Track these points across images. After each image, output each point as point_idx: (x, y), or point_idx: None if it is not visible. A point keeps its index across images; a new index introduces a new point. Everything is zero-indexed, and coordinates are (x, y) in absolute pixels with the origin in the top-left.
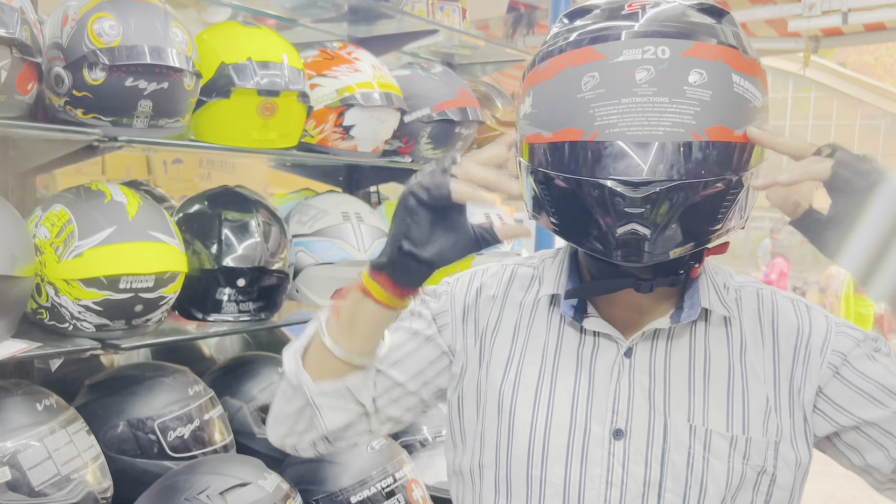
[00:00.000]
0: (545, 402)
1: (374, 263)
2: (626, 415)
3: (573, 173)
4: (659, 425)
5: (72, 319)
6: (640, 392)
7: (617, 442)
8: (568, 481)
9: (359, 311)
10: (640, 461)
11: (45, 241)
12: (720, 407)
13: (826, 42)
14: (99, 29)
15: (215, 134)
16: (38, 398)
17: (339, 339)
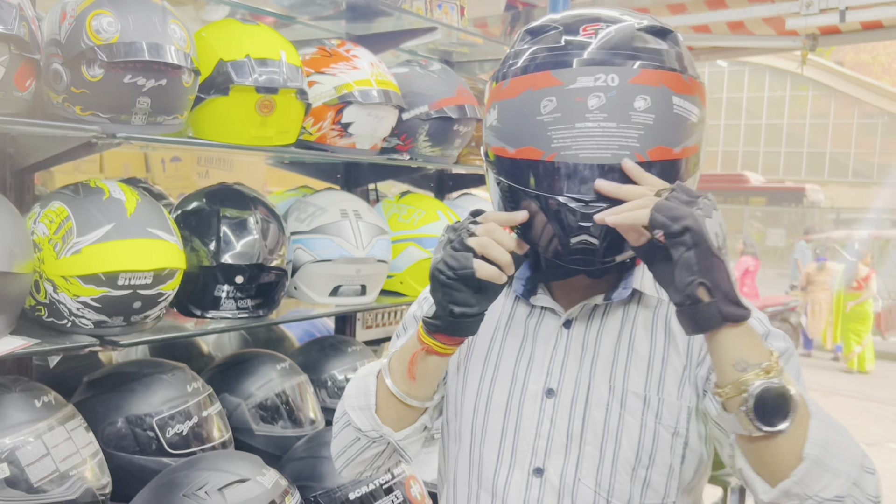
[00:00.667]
0: (493, 363)
1: (431, 326)
2: (559, 377)
3: (533, 188)
4: (584, 386)
5: (70, 316)
6: (573, 358)
7: (548, 399)
8: (504, 431)
9: (426, 365)
10: (566, 416)
11: (43, 238)
12: (640, 372)
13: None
14: (97, 25)
15: (214, 131)
16: (36, 395)
17: (413, 393)
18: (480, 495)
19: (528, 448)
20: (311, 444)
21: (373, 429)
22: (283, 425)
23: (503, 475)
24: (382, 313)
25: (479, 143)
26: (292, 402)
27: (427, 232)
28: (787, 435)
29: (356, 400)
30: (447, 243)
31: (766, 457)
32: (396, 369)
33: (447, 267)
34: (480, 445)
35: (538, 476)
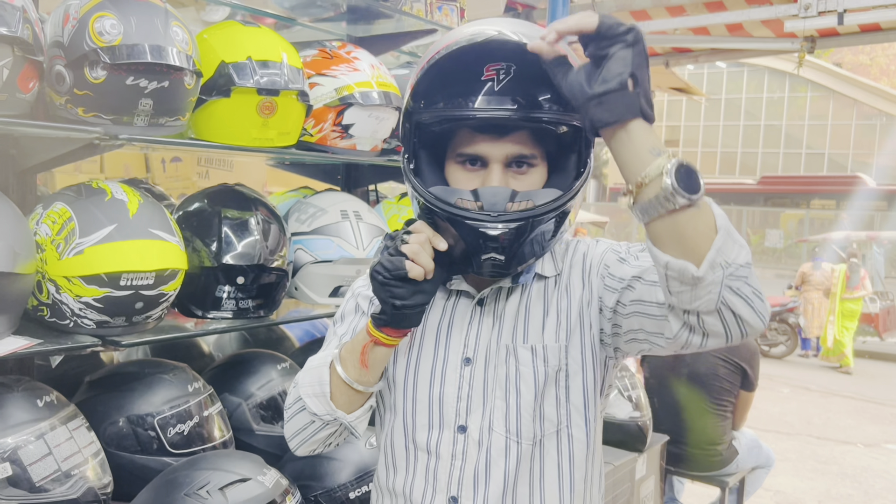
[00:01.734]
0: (417, 340)
1: (377, 320)
2: (474, 347)
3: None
4: (493, 352)
5: (72, 316)
6: (485, 330)
7: (466, 367)
8: (431, 398)
9: (374, 355)
10: (480, 379)
11: (46, 239)
12: (531, 331)
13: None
14: (100, 28)
15: (215, 132)
16: (38, 394)
17: (363, 380)
18: (418, 455)
19: (452, 410)
20: None
21: (328, 413)
22: (283, 425)
23: (434, 436)
24: None
25: None
26: None
27: None
28: (700, 209)
29: (311, 388)
30: (384, 249)
31: (689, 233)
32: (348, 359)
33: (384, 269)
34: (413, 413)
35: (462, 433)
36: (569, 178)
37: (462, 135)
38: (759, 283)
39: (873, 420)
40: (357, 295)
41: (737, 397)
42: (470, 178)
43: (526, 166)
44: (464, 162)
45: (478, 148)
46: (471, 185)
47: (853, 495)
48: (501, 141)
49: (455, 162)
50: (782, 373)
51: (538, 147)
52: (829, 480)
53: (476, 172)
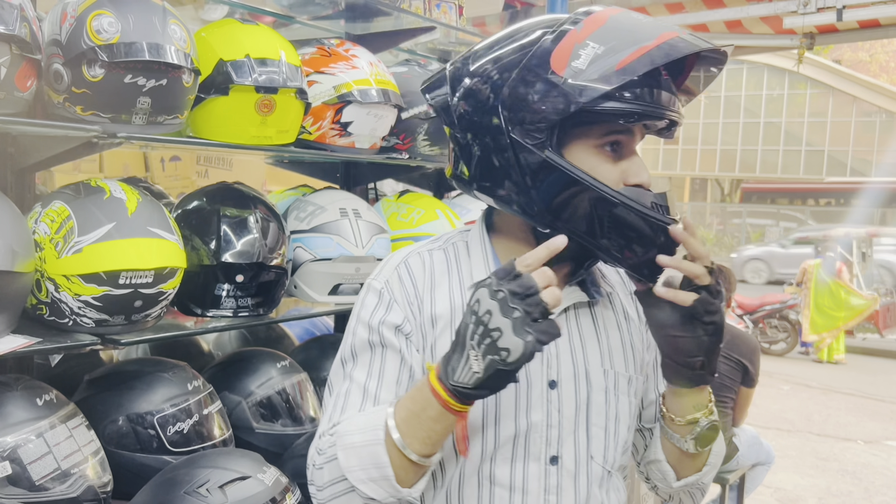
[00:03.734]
0: None
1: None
2: (556, 368)
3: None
4: (581, 374)
5: (71, 315)
6: (564, 350)
7: (552, 391)
8: (517, 427)
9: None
10: (571, 404)
11: (44, 237)
12: (619, 354)
13: (821, 39)
14: (98, 26)
15: (213, 131)
16: (38, 393)
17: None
18: (495, 492)
19: (542, 439)
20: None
21: (391, 495)
22: (283, 423)
23: (519, 470)
24: None
25: None
26: (292, 400)
27: (426, 231)
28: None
29: (364, 473)
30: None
31: (685, 461)
32: (413, 437)
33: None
34: (494, 445)
35: (554, 464)
36: None
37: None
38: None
39: (873, 417)
40: (373, 326)
41: (737, 394)
42: (612, 165)
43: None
44: (603, 146)
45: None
46: (613, 173)
47: (853, 492)
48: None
49: (594, 147)
50: (782, 370)
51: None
52: (830, 477)
53: (615, 157)
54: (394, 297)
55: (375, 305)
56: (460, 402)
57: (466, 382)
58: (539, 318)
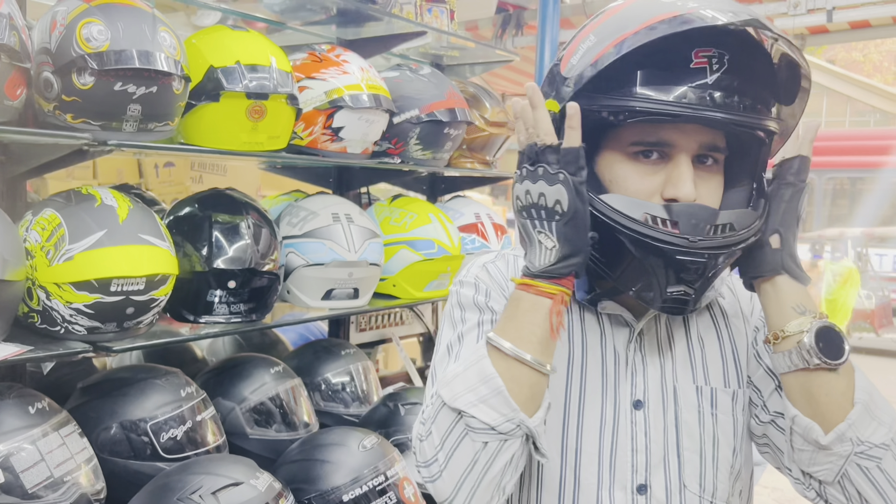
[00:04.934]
0: (577, 378)
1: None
2: (643, 387)
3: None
4: (670, 391)
5: (63, 322)
6: (651, 365)
7: (637, 412)
8: (601, 451)
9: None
10: (659, 427)
11: (35, 245)
12: (717, 367)
13: (812, 40)
14: (87, 34)
15: (205, 137)
16: (30, 401)
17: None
18: None
19: (628, 465)
20: (304, 447)
21: (508, 418)
22: (277, 429)
23: (605, 498)
24: (375, 316)
25: (470, 145)
26: (286, 406)
27: (419, 235)
28: (840, 377)
29: (474, 394)
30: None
31: (821, 397)
32: (522, 339)
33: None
34: (575, 467)
35: (642, 493)
36: (742, 188)
37: (638, 123)
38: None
39: None
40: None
41: None
42: (646, 176)
43: (712, 162)
44: (637, 154)
45: (665, 134)
46: (646, 184)
47: None
48: (696, 127)
49: (625, 154)
50: None
51: (724, 138)
52: None
53: (653, 167)
54: (489, 286)
55: (474, 293)
56: (552, 282)
57: (551, 261)
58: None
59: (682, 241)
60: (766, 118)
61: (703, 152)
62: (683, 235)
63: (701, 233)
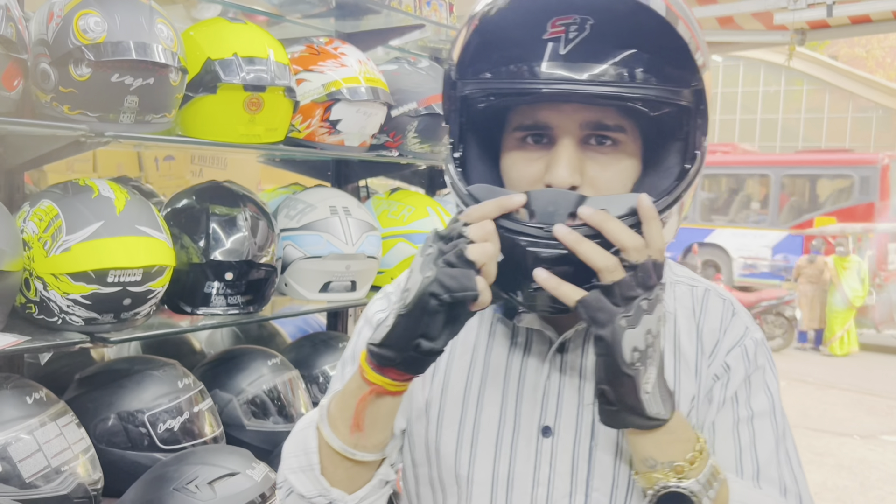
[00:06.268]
0: (474, 398)
1: (383, 359)
2: (556, 412)
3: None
4: (587, 422)
5: (60, 313)
6: (569, 389)
7: (545, 439)
8: (495, 481)
9: (377, 409)
10: (568, 460)
11: (33, 236)
12: None
13: (812, 35)
14: (84, 25)
15: (202, 129)
16: (28, 391)
17: (364, 444)
18: None
19: (527, 498)
20: None
21: (320, 494)
22: (274, 420)
23: None
24: None
25: None
26: (283, 398)
27: (417, 228)
28: None
29: (296, 460)
30: (438, 256)
31: None
32: (339, 419)
33: (444, 289)
34: (468, 498)
35: None
36: (669, 175)
37: (522, 106)
38: None
39: (870, 412)
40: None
41: None
42: (530, 163)
43: (610, 143)
44: (524, 138)
45: (541, 116)
46: (530, 171)
47: (849, 486)
48: (575, 106)
49: (513, 140)
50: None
51: (627, 118)
52: (826, 472)
53: (540, 153)
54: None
55: (384, 308)
56: (377, 371)
57: (375, 339)
58: (454, 262)
59: (536, 230)
60: (642, 87)
61: (590, 132)
62: (538, 224)
63: (559, 220)
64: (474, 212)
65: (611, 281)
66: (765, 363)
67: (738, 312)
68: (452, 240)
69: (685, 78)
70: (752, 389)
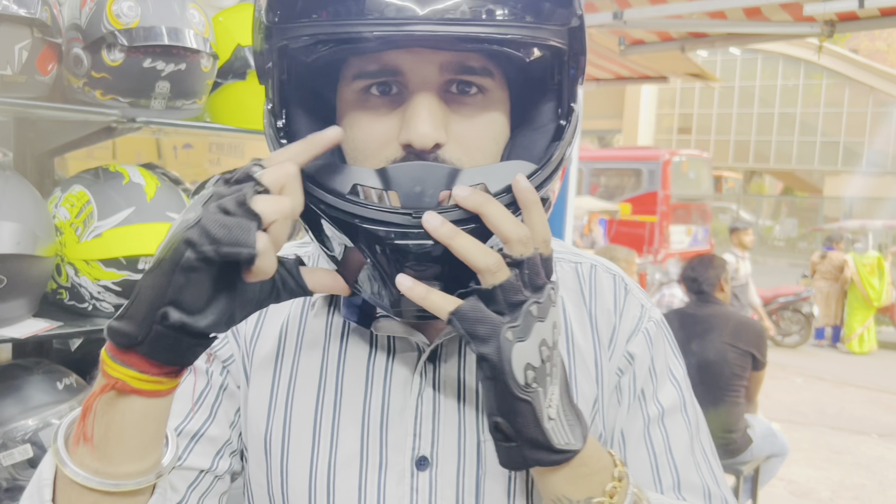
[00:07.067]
0: (327, 434)
1: (120, 338)
2: (432, 438)
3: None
4: (471, 448)
5: (91, 299)
6: (447, 407)
7: (421, 473)
8: None
9: (119, 415)
10: (451, 496)
11: (64, 222)
12: None
13: (841, 27)
14: (117, 10)
15: (231, 116)
16: (58, 377)
17: (104, 469)
18: None
19: None
20: None
21: None
22: None
23: None
24: None
25: None
26: None
27: None
28: None
29: (28, 499)
30: (211, 199)
31: None
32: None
33: (208, 238)
34: None
35: None
36: (543, 133)
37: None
38: None
39: (887, 410)
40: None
41: (748, 380)
42: (378, 120)
43: (475, 90)
44: (367, 89)
45: (389, 58)
46: (378, 130)
47: (867, 485)
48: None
49: (352, 94)
50: (796, 362)
51: (493, 60)
52: (843, 470)
53: (389, 107)
54: None
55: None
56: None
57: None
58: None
59: (401, 217)
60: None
61: (452, 77)
62: (403, 210)
63: (430, 203)
64: (278, 154)
65: (492, 284)
66: (667, 347)
67: (630, 289)
68: (237, 182)
69: (563, 15)
70: (658, 381)
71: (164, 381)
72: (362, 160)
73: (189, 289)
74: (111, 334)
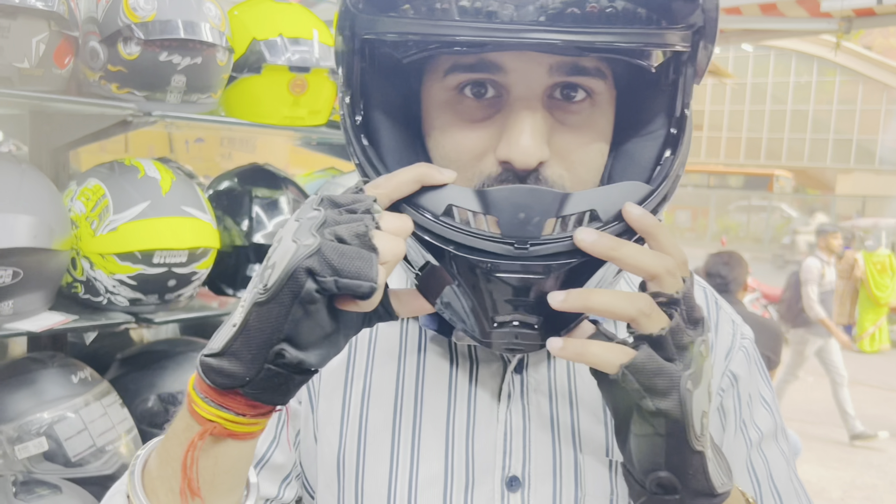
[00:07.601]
0: (407, 452)
1: (222, 378)
2: (523, 455)
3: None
4: (568, 467)
5: (106, 293)
6: (538, 421)
7: (512, 495)
8: None
9: (210, 462)
10: None
11: (80, 216)
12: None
13: (858, 23)
14: (134, 4)
15: (246, 110)
16: (73, 370)
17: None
18: None
19: None
20: None
21: None
22: None
23: None
24: None
25: None
26: None
27: None
28: None
29: None
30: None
31: None
32: (160, 479)
33: (329, 268)
34: None
35: None
36: (652, 142)
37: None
38: None
39: None
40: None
41: None
42: (472, 126)
43: (582, 94)
44: (460, 88)
45: (492, 55)
46: (474, 140)
47: (878, 485)
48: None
49: (442, 91)
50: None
51: (607, 62)
52: (855, 470)
53: (484, 112)
54: None
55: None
56: (209, 395)
57: (213, 347)
58: (346, 240)
59: (503, 248)
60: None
61: (561, 79)
62: (505, 239)
63: (533, 231)
64: (385, 182)
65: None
66: (760, 368)
67: (721, 304)
68: (352, 212)
69: (683, 11)
70: (753, 404)
71: (259, 423)
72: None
73: (305, 323)
74: (209, 374)
